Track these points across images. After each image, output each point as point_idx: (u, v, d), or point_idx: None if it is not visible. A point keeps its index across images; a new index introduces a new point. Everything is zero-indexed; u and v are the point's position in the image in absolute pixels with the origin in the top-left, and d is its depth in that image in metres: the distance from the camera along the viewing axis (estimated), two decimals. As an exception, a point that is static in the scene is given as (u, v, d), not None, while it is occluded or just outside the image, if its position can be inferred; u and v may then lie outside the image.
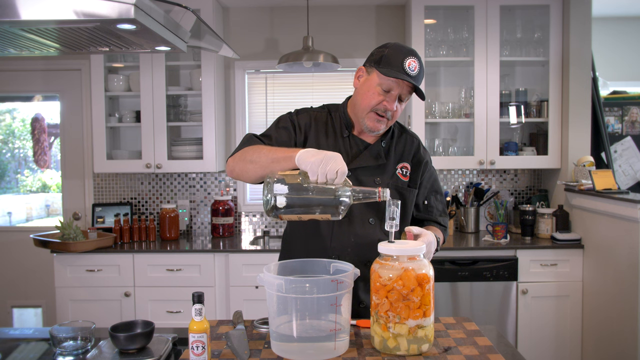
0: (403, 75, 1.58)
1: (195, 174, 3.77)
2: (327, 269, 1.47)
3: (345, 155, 1.71)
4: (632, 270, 2.72)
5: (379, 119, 1.65)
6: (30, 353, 1.58)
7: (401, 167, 1.77)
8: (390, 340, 1.36)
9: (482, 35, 3.37)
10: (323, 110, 1.80)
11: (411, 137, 1.84)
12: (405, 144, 1.81)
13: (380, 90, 1.62)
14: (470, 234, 3.55)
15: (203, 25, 1.77)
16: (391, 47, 1.63)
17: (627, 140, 3.64)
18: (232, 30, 3.75)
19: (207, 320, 1.32)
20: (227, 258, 3.20)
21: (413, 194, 1.78)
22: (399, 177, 1.76)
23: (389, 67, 1.59)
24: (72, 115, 3.81)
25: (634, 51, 4.30)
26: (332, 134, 1.74)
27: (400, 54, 1.60)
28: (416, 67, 1.59)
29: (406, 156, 1.79)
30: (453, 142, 3.66)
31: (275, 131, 1.72)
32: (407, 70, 1.58)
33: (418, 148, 1.83)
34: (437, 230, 1.78)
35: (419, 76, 1.61)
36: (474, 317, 3.09)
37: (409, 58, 1.59)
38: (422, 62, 1.64)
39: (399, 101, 1.64)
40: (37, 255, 3.74)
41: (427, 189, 1.83)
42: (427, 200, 1.83)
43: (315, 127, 1.74)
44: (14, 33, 1.29)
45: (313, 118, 1.76)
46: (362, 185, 1.69)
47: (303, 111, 1.78)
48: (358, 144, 1.74)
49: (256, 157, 1.54)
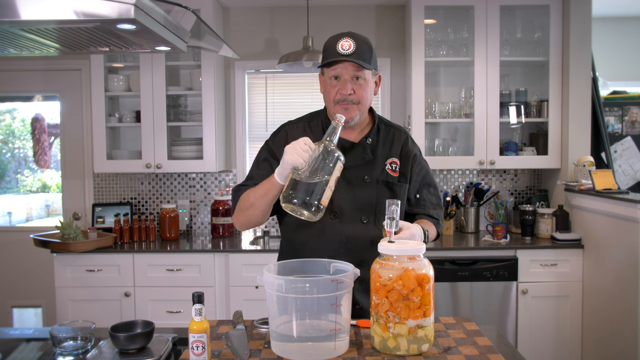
0: (337, 57, 1.62)
1: (195, 174, 3.77)
2: (327, 269, 1.47)
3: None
4: (632, 270, 2.72)
5: (345, 107, 1.67)
6: (30, 353, 1.58)
7: (390, 162, 1.77)
8: (390, 340, 1.36)
9: (482, 35, 3.37)
10: (300, 121, 1.83)
11: (399, 131, 1.84)
12: (393, 139, 1.81)
13: (332, 82, 1.67)
14: (470, 234, 3.55)
15: (203, 25, 1.77)
16: (326, 42, 1.69)
17: (627, 140, 3.64)
18: (232, 30, 3.75)
19: (207, 320, 1.32)
20: (227, 258, 3.20)
21: (404, 188, 1.78)
22: (389, 172, 1.76)
23: (325, 58, 1.66)
24: (72, 115, 3.81)
25: (634, 51, 4.30)
26: (311, 137, 1.74)
27: (333, 41, 1.65)
28: (350, 44, 1.62)
29: (394, 151, 1.79)
30: (453, 142, 3.66)
31: (257, 169, 1.78)
32: (340, 51, 1.62)
33: (406, 141, 1.82)
34: (427, 223, 1.76)
35: (356, 52, 1.62)
36: (474, 317, 3.09)
37: (341, 40, 1.63)
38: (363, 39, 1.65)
39: (355, 82, 1.65)
40: (37, 255, 3.74)
41: (418, 182, 1.82)
42: (418, 194, 1.82)
43: (292, 138, 1.74)
44: (14, 33, 1.29)
45: (288, 132, 1.79)
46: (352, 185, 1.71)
47: (279, 130, 1.82)
48: (342, 143, 1.74)
49: (248, 202, 1.66)
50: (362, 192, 1.73)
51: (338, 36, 1.65)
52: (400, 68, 3.74)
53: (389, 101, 3.74)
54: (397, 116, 3.73)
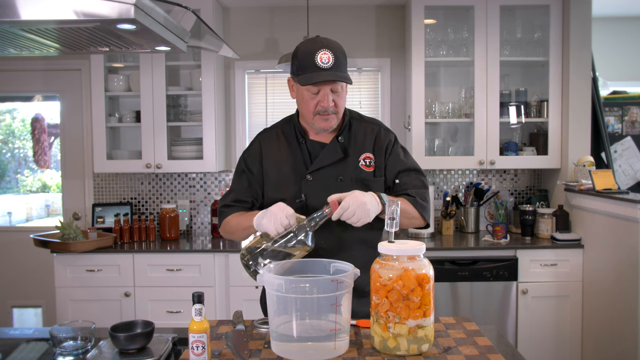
0: (317, 75, 1.60)
1: (195, 174, 3.77)
2: (327, 269, 1.47)
3: (302, 161, 1.75)
4: (632, 270, 2.72)
5: (325, 118, 1.68)
6: (30, 353, 1.58)
7: (364, 158, 1.76)
8: (390, 340, 1.36)
9: (482, 35, 3.37)
10: (274, 128, 1.85)
11: (370, 124, 1.82)
12: (365, 134, 1.79)
13: (311, 95, 1.66)
14: (470, 234, 3.55)
15: (203, 25, 1.77)
16: (301, 51, 1.65)
17: (627, 140, 3.64)
18: (232, 30, 3.75)
19: (207, 320, 1.32)
20: (227, 258, 3.20)
21: (380, 183, 1.76)
22: (363, 169, 1.75)
23: (304, 73, 1.63)
24: (72, 115, 3.81)
25: (634, 51, 4.30)
26: (285, 146, 1.78)
27: (310, 54, 1.61)
28: (329, 57, 1.60)
29: (367, 146, 1.77)
30: (453, 142, 3.66)
31: (237, 182, 1.83)
32: (320, 66, 1.60)
33: (379, 133, 1.80)
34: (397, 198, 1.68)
35: (335, 64, 1.61)
36: (474, 317, 3.09)
37: (318, 53, 1.60)
38: (338, 49, 1.63)
39: (334, 94, 1.66)
40: (37, 255, 3.74)
41: (396, 169, 1.77)
42: (397, 179, 1.77)
43: (267, 148, 1.80)
44: (14, 33, 1.29)
45: (261, 141, 1.82)
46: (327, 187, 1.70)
47: (253, 142, 1.85)
48: (315, 146, 1.76)
49: (230, 229, 1.78)
50: (337, 193, 1.69)
51: (314, 47, 1.61)
52: (400, 68, 3.74)
53: (389, 101, 3.74)
54: (397, 116, 3.73)
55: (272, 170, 1.78)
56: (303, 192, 1.73)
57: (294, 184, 1.74)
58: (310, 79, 1.61)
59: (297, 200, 1.72)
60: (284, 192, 1.75)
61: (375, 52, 3.75)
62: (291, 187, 1.74)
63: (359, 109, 3.75)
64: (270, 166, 1.78)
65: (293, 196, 1.73)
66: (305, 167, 1.75)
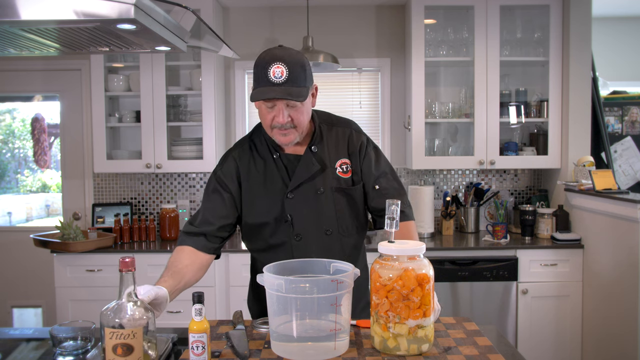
0: (268, 90, 1.51)
1: (195, 174, 3.77)
2: (327, 269, 1.47)
3: (280, 177, 1.68)
4: (632, 270, 2.72)
5: (283, 133, 1.59)
6: (30, 353, 1.58)
7: (340, 164, 1.71)
8: (390, 340, 1.36)
9: (482, 35, 3.37)
10: (244, 142, 1.75)
11: (342, 128, 1.75)
12: (337, 139, 1.73)
13: (266, 109, 1.58)
14: (470, 234, 3.55)
15: (203, 25, 1.77)
16: (256, 63, 1.56)
17: (627, 140, 3.64)
18: (232, 30, 3.75)
19: (207, 320, 1.32)
20: (227, 258, 3.20)
21: (359, 191, 1.72)
22: (340, 176, 1.70)
23: (256, 86, 1.55)
24: (72, 115, 3.81)
25: (634, 51, 4.30)
26: (260, 161, 1.70)
27: (263, 67, 1.52)
28: (282, 71, 1.51)
29: (341, 151, 1.72)
30: (453, 142, 3.66)
31: (208, 201, 1.71)
32: (272, 80, 1.51)
33: (351, 136, 1.74)
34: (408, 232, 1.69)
35: (290, 78, 1.51)
36: (474, 317, 3.09)
37: (271, 67, 1.51)
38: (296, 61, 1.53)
39: (291, 108, 1.56)
40: (37, 255, 3.74)
41: (373, 173, 1.73)
42: (377, 185, 1.72)
43: (243, 165, 1.70)
44: (14, 33, 1.29)
45: (237, 159, 1.71)
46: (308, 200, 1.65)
47: (225, 158, 1.73)
48: (290, 159, 1.69)
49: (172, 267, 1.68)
50: (319, 205, 1.68)
51: (268, 61, 1.52)
52: (400, 68, 3.74)
53: (389, 101, 3.74)
54: (397, 116, 3.73)
55: (251, 190, 1.69)
56: (287, 211, 1.66)
57: (275, 204, 1.67)
58: (260, 95, 1.53)
59: (284, 221, 1.67)
60: (267, 214, 1.68)
61: (375, 52, 3.75)
62: (273, 207, 1.67)
63: (359, 109, 3.77)
64: (249, 186, 1.69)
65: (277, 217, 1.67)
66: (284, 182, 1.67)
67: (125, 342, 1.19)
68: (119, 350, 1.19)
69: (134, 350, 1.20)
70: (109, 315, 1.22)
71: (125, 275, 1.25)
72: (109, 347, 1.19)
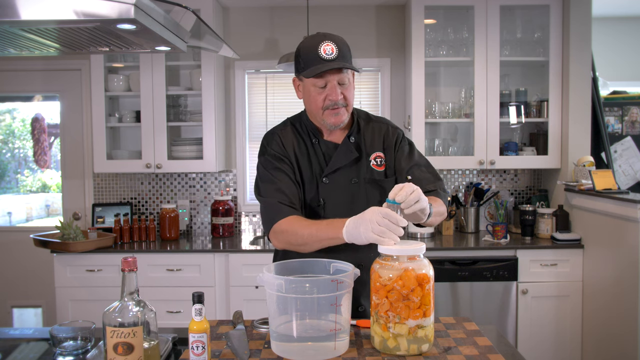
0: (323, 65, 1.58)
1: (195, 174, 3.77)
2: (327, 269, 1.47)
3: (317, 161, 1.72)
4: (632, 270, 2.72)
5: (335, 112, 1.64)
6: (30, 353, 1.58)
7: (374, 157, 1.75)
8: (390, 340, 1.36)
9: (482, 35, 3.37)
10: (287, 124, 1.79)
11: (378, 123, 1.81)
12: (374, 133, 1.78)
13: (318, 89, 1.63)
14: (470, 234, 3.55)
15: (203, 25, 1.77)
16: (302, 47, 1.64)
17: (627, 140, 3.64)
18: (232, 30, 3.75)
19: (207, 320, 1.32)
20: (227, 258, 3.20)
21: (392, 183, 1.73)
22: (374, 168, 1.74)
23: (308, 67, 1.61)
24: (72, 115, 3.81)
25: (634, 51, 4.30)
26: (302, 145, 1.74)
27: (312, 48, 1.59)
28: (332, 48, 1.59)
29: (377, 145, 1.77)
30: (453, 142, 3.66)
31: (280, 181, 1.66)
32: (325, 57, 1.58)
33: (387, 132, 1.79)
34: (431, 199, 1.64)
35: (340, 55, 1.59)
36: (474, 317, 3.09)
37: (322, 45, 1.58)
38: (341, 41, 1.62)
39: (342, 86, 1.63)
40: (37, 255, 3.74)
41: (407, 164, 1.75)
42: (409, 175, 1.74)
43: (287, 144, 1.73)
44: (14, 33, 1.29)
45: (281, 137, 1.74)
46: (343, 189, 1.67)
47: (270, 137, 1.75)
48: (328, 146, 1.73)
49: (301, 240, 1.55)
50: (352, 194, 1.71)
51: (316, 41, 1.59)
52: (400, 68, 3.74)
53: (389, 101, 3.74)
54: (397, 116, 3.73)
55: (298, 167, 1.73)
56: (321, 195, 1.70)
57: (311, 186, 1.71)
58: (316, 70, 1.58)
59: (317, 205, 1.70)
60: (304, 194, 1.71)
61: (375, 52, 3.75)
62: (310, 189, 1.71)
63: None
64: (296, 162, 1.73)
65: (311, 199, 1.71)
66: (320, 168, 1.71)
67: (125, 340, 1.19)
68: (119, 349, 1.19)
69: (134, 349, 1.20)
70: (111, 315, 1.22)
71: (128, 275, 1.25)
72: (110, 346, 1.19)
